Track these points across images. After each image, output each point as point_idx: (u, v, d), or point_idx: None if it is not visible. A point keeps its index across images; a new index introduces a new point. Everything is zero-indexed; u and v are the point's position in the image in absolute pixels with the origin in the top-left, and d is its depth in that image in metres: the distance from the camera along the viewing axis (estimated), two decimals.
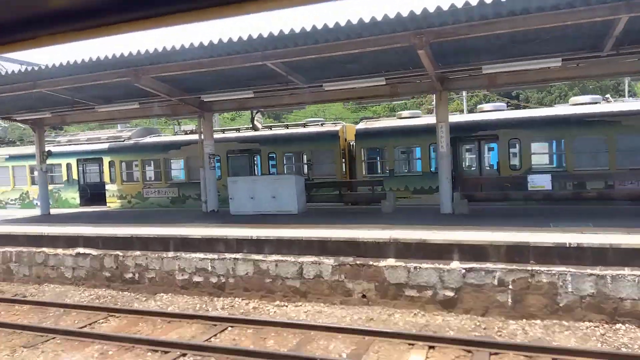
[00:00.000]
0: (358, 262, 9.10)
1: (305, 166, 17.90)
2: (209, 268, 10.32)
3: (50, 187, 22.12)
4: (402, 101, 46.58)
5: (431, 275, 8.49)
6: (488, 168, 16.15)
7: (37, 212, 20.10)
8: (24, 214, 18.85)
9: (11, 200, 23.11)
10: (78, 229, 12.20)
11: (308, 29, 9.26)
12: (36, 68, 12.03)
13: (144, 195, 20.19)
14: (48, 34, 0.84)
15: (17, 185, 22.99)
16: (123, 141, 20.83)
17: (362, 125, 17.01)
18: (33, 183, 22.80)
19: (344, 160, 17.10)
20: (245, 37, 9.78)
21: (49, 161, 22.01)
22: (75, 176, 21.67)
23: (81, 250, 11.67)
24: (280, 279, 9.69)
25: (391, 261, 8.82)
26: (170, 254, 10.75)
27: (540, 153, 15.40)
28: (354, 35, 9.31)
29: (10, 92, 13.13)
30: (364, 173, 16.54)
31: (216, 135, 19.61)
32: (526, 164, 14.52)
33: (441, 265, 8.44)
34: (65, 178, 21.84)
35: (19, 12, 0.82)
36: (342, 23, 8.81)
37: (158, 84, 12.25)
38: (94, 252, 11.51)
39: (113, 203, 20.76)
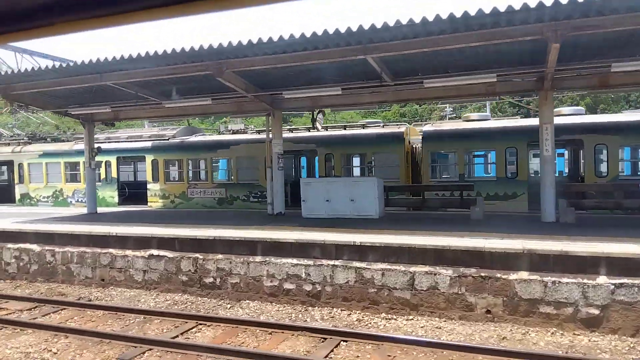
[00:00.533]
0: (482, 274, 8.24)
1: (365, 169, 17.08)
2: (303, 275, 9.48)
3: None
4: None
5: (572, 290, 7.63)
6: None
7: (73, 210, 19.31)
8: (68, 212, 18.03)
9: (43, 197, 22.31)
10: (150, 230, 11.36)
11: (417, 20, 8.48)
12: (102, 60, 11.26)
13: (188, 196, 19.38)
14: (47, 24, 0.83)
15: (50, 182, 22.20)
16: (167, 139, 20.04)
17: (429, 128, 16.20)
18: (67, 180, 22.04)
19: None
20: (342, 29, 9.02)
21: (84, 159, 21.31)
22: (114, 174, 20.87)
23: (154, 252, 10.83)
24: (386, 289, 8.84)
25: (524, 274, 7.96)
26: (258, 258, 9.90)
27: None
28: (476, 27, 8.51)
29: (79, 85, 12.38)
30: (429, 177, 15.69)
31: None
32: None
33: (585, 280, 7.58)
34: (103, 176, 21.03)
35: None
36: (471, 12, 8.02)
37: (237, 79, 11.49)
38: (169, 254, 10.67)
39: (155, 203, 19.94)
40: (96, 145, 16.88)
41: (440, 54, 10.08)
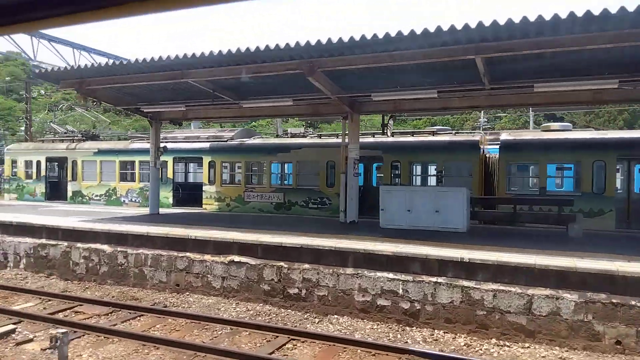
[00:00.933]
0: (614, 301, 7.39)
1: (434, 178, 16.31)
2: (400, 291, 8.77)
3: (141, 184, 21.24)
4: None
5: None
6: None
7: (132, 210, 19.10)
8: (129, 211, 17.79)
9: (96, 196, 22.24)
10: (232, 234, 10.85)
11: (531, 19, 7.74)
12: (187, 55, 10.85)
13: (245, 199, 18.93)
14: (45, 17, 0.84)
15: (103, 180, 22.12)
16: (226, 141, 19.68)
17: (507, 137, 15.32)
18: (121, 179, 21.92)
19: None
20: (444, 27, 8.35)
21: (140, 158, 21.17)
22: (170, 175, 20.62)
23: (235, 258, 10.31)
24: (498, 312, 8.06)
25: None
26: (349, 270, 9.25)
27: None
28: (598, 28, 7.72)
29: (159, 81, 12.04)
30: (505, 189, 14.80)
31: (329, 140, 18.27)
32: None
33: None
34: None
35: None
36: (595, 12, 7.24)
37: (325, 79, 10.91)
38: (251, 261, 10.13)
39: (210, 205, 19.58)
40: (162, 145, 16.58)
41: (548, 57, 9.30)
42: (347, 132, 13.43)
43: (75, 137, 24.11)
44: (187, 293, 10.76)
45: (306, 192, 17.92)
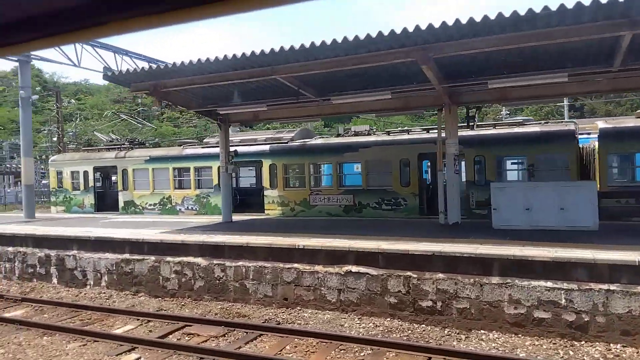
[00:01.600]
0: None
1: (524, 172, 15.22)
2: (562, 301, 7.75)
3: (197, 191, 20.45)
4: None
5: None
6: None
7: (195, 219, 18.31)
8: (201, 220, 16.96)
9: (149, 205, 21.49)
10: (347, 242, 9.91)
11: None
12: (275, 50, 9.95)
13: (311, 203, 18.01)
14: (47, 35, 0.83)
15: (157, 189, 21.36)
16: (287, 142, 18.78)
17: (606, 125, 14.18)
18: (176, 187, 21.15)
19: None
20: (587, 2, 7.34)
21: (196, 164, 20.39)
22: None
23: (353, 268, 9.36)
24: None
25: None
26: (495, 279, 8.25)
27: None
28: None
29: (245, 79, 11.18)
30: (606, 182, 13.67)
31: (404, 137, 17.31)
32: None
33: None
34: (215, 182, 19.97)
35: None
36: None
37: (434, 69, 9.92)
38: (372, 271, 9.17)
39: (272, 210, 18.69)
40: (232, 149, 15.73)
41: None
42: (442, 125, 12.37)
43: (123, 145, 23.42)
44: (298, 308, 9.84)
45: (378, 193, 16.96)
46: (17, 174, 55.62)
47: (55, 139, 57.54)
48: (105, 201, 23.21)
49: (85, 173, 23.20)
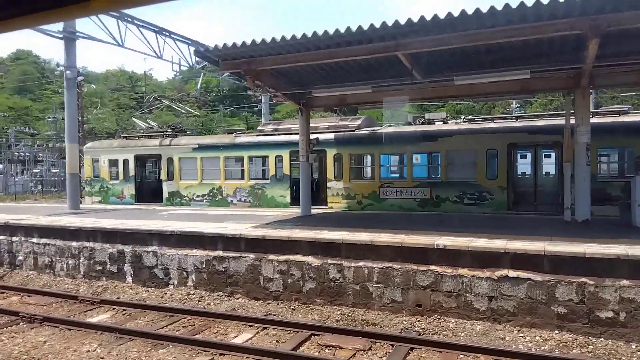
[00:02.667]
0: None
1: (630, 165, 14.01)
2: None
3: (251, 182, 19.18)
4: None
5: None
6: None
7: (246, 211, 17.04)
8: (275, 213, 15.66)
9: (197, 196, 20.19)
10: (501, 243, 8.66)
11: None
12: (401, 22, 8.67)
13: (380, 196, 16.76)
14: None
15: (205, 179, 20.06)
16: (353, 131, 17.49)
17: None
18: (228, 177, 19.87)
19: None
20: None
21: (250, 153, 19.12)
22: (286, 171, 18.49)
23: (510, 272, 8.14)
24: None
25: None
26: None
27: None
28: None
29: (358, 57, 9.90)
30: None
31: (490, 125, 16.06)
32: None
33: None
34: (272, 173, 18.71)
35: None
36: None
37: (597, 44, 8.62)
38: (535, 276, 7.95)
39: (336, 203, 17.44)
40: (313, 136, 14.43)
41: None
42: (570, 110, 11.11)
43: (166, 133, 22.07)
44: (436, 316, 8.62)
45: (459, 186, 15.72)
46: (23, 162, 54.10)
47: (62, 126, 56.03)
48: (150, 192, 21.90)
49: (125, 161, 21.86)
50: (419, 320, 8.61)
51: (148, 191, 22.17)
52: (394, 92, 12.10)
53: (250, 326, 8.72)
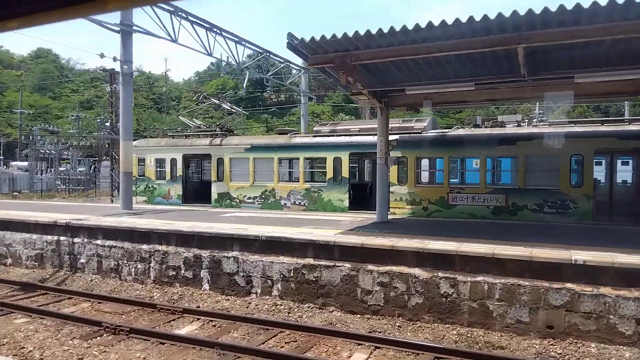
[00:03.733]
0: None
1: None
2: None
3: (307, 185, 18.39)
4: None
5: None
6: None
7: (297, 215, 16.22)
8: (344, 219, 14.82)
9: (248, 198, 19.45)
10: None
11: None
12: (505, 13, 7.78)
13: (449, 202, 15.83)
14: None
15: (257, 180, 19.31)
16: (420, 133, 16.60)
17: None
18: (282, 179, 19.13)
19: None
20: None
21: (306, 154, 18.34)
22: (346, 173, 17.66)
23: None
24: None
25: None
26: None
27: None
28: None
29: (470, 50, 9.03)
30: None
31: (573, 129, 15.06)
32: None
33: None
34: (330, 175, 17.90)
35: None
36: None
37: None
38: None
39: (399, 209, 16.53)
40: (392, 138, 13.58)
41: None
42: None
43: (216, 132, 21.40)
44: (571, 339, 7.69)
45: (539, 194, 14.74)
46: (47, 160, 53.99)
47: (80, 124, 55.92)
48: (198, 193, 21.24)
49: (173, 161, 21.23)
50: (552, 344, 7.69)
51: (195, 192, 21.53)
52: (496, 91, 11.19)
53: (359, 344, 7.88)
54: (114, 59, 17.18)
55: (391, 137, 16.69)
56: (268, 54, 26.55)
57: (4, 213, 15.27)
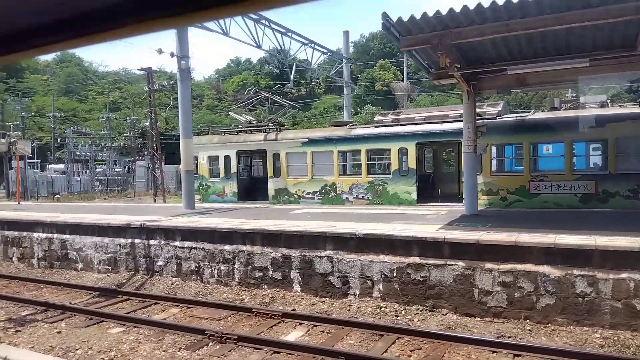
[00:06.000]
0: None
1: None
2: None
3: (370, 177, 17.64)
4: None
5: None
6: None
7: (356, 209, 15.49)
8: (427, 212, 14.02)
9: (307, 193, 18.81)
10: None
11: None
12: None
13: (531, 191, 14.84)
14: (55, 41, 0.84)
15: (316, 175, 18.63)
16: (494, 118, 15.62)
17: None
18: (342, 172, 18.43)
19: None
20: None
21: (368, 146, 17.57)
22: (412, 164, 16.81)
23: None
24: None
25: None
26: None
27: None
28: None
29: (587, 22, 8.07)
30: None
31: None
32: None
33: None
34: (395, 167, 17.09)
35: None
36: None
37: None
38: None
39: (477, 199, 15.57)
40: (481, 122, 12.70)
41: None
42: None
43: (269, 127, 20.79)
44: None
45: (633, 179, 13.63)
46: (82, 162, 54.54)
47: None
48: (254, 189, 20.72)
49: (227, 158, 20.74)
50: None
51: (250, 189, 21.01)
52: (599, 67, 10.18)
53: (494, 352, 7.12)
54: (171, 55, 16.68)
55: (459, 124, 15.80)
56: (313, 44, 25.85)
57: (71, 217, 14.99)
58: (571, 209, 14.09)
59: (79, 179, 49.13)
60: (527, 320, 8.10)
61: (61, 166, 54.29)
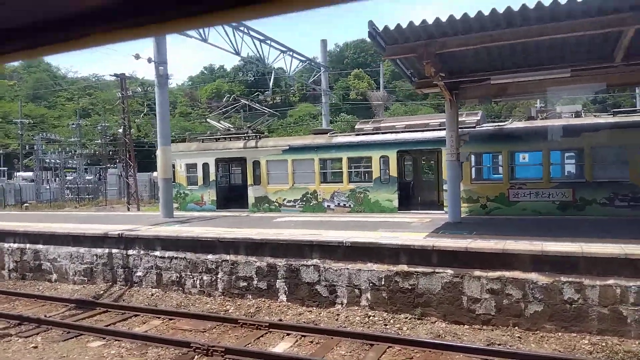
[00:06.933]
0: None
1: None
2: None
3: (351, 185, 17.63)
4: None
5: None
6: None
7: (339, 216, 15.45)
8: (413, 220, 14.04)
9: (288, 201, 18.66)
10: None
11: None
12: None
13: (510, 199, 15.07)
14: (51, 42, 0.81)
15: (297, 183, 18.52)
16: (473, 127, 15.83)
17: None
18: (324, 180, 18.35)
19: None
20: None
21: (350, 154, 17.58)
22: (394, 172, 16.87)
23: None
24: None
25: None
26: None
27: None
28: None
29: (570, 33, 8.28)
30: None
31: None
32: None
33: None
34: (376, 175, 17.13)
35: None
36: None
37: None
38: None
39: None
40: (462, 131, 12.80)
41: None
42: None
43: (248, 134, 20.57)
44: None
45: (609, 187, 14.00)
46: (52, 169, 53.03)
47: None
48: (232, 197, 20.43)
49: (205, 165, 20.41)
50: None
51: (229, 197, 20.72)
52: (580, 78, 10.43)
53: None
54: (149, 60, 16.35)
55: (440, 133, 15.96)
56: (292, 52, 25.85)
57: (45, 226, 14.43)
58: (550, 216, 14.34)
59: (48, 187, 47.74)
60: (516, 327, 8.14)
61: (29, 174, 52.64)
